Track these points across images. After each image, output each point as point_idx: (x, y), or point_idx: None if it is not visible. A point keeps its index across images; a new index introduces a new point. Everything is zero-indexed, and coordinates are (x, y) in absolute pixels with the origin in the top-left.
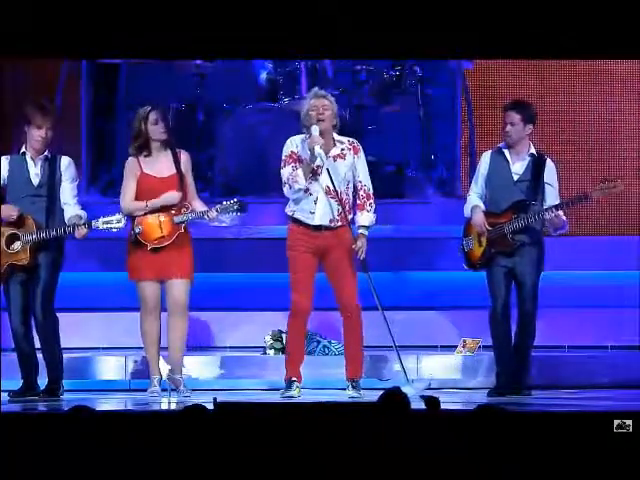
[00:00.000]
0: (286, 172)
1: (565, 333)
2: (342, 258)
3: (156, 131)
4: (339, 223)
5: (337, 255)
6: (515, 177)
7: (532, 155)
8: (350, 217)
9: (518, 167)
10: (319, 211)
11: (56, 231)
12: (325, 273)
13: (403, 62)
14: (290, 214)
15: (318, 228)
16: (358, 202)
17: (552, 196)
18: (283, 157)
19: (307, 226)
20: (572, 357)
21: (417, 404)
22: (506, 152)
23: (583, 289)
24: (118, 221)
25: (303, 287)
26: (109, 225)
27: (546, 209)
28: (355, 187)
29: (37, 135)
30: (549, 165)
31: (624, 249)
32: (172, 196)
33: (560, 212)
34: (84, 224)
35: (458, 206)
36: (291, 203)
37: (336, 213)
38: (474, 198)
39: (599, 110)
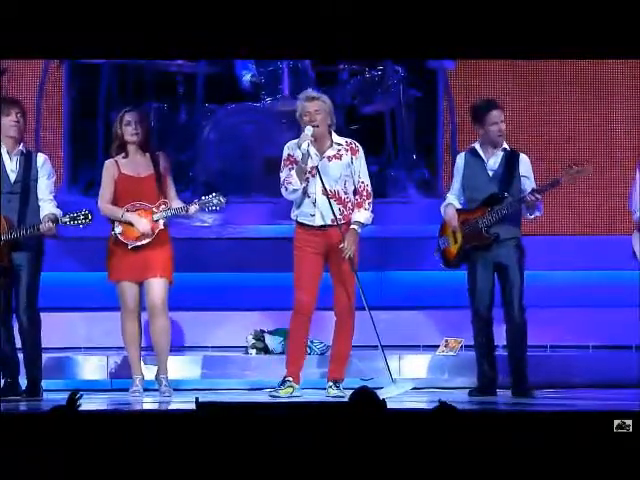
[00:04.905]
0: (283, 175)
1: (564, 333)
2: (343, 259)
3: (127, 132)
4: (342, 221)
5: (339, 255)
6: (490, 173)
7: (505, 149)
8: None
9: (492, 163)
10: (319, 212)
11: (26, 230)
12: (329, 273)
13: (385, 62)
14: (294, 218)
15: (321, 227)
16: (358, 200)
17: (530, 187)
18: (282, 161)
19: (311, 227)
20: (572, 357)
21: (395, 404)
22: (480, 150)
23: (581, 289)
24: (85, 217)
25: (306, 286)
26: (76, 221)
27: (522, 196)
28: (356, 187)
29: (9, 121)
30: (523, 158)
31: (624, 249)
32: (145, 226)
33: (539, 196)
34: (50, 220)
35: (440, 206)
36: (294, 207)
37: (338, 212)
38: (450, 198)
39: (592, 110)
